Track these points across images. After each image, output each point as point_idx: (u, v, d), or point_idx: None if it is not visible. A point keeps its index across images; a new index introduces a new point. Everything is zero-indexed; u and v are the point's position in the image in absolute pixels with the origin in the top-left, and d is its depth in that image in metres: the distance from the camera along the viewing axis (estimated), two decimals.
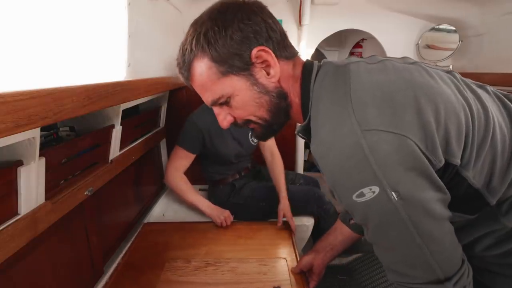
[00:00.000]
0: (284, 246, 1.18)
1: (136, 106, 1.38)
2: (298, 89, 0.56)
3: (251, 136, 1.44)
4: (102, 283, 0.99)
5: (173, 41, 1.37)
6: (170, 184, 1.31)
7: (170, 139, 1.71)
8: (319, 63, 0.58)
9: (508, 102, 0.55)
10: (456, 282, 0.45)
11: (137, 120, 1.30)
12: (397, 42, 1.70)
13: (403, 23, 1.66)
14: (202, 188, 1.76)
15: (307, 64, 0.57)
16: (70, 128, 0.95)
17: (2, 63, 0.51)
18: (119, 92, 0.84)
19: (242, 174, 1.48)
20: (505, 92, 0.58)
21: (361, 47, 2.68)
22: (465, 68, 1.59)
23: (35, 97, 0.51)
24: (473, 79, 0.59)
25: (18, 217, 0.63)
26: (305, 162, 2.32)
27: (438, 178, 0.44)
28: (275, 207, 1.36)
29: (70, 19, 0.66)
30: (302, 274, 1.00)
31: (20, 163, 0.62)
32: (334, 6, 1.59)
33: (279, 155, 1.49)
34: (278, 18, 1.79)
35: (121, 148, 1.09)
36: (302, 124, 0.56)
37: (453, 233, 0.47)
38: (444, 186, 0.45)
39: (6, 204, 0.61)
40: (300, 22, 1.60)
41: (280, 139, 1.83)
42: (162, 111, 1.59)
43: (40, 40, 0.59)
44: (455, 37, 1.56)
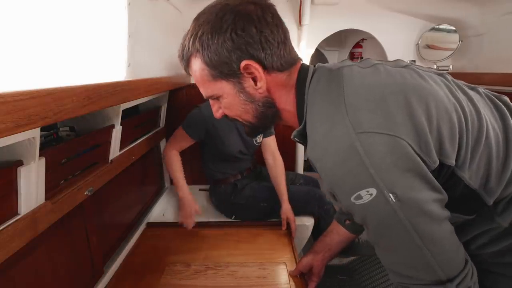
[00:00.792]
0: (284, 251, 1.18)
1: (136, 106, 1.38)
2: (293, 96, 0.57)
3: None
4: (102, 284, 0.99)
5: (173, 41, 1.37)
6: (165, 156, 1.38)
7: None
8: (314, 67, 0.59)
9: (500, 104, 0.55)
10: (459, 283, 0.45)
11: (137, 120, 1.30)
12: (397, 42, 1.69)
13: (403, 23, 1.66)
14: (202, 188, 1.76)
15: (302, 71, 0.58)
16: (70, 128, 0.95)
17: (2, 63, 0.51)
18: (119, 92, 0.83)
19: (244, 174, 1.49)
20: (496, 94, 0.58)
21: (361, 47, 2.68)
22: (465, 68, 1.59)
23: (35, 97, 0.51)
24: (473, 79, 0.59)
25: (18, 217, 0.63)
26: (305, 162, 2.32)
27: (433, 178, 0.45)
28: (276, 207, 1.36)
29: (70, 19, 0.66)
30: (301, 278, 1.01)
31: (20, 163, 0.62)
32: (334, 6, 1.59)
33: (280, 158, 1.48)
34: None
35: (121, 148, 1.09)
36: (297, 129, 0.57)
37: (453, 233, 0.47)
38: (440, 186, 0.46)
39: (6, 204, 0.61)
40: (300, 22, 1.60)
41: (280, 139, 1.83)
42: (162, 111, 1.59)
43: (40, 40, 0.59)
44: (455, 37, 1.55)
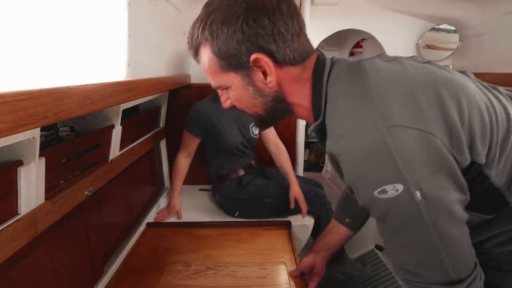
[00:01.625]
0: (284, 251, 1.18)
1: (136, 106, 1.38)
2: (308, 91, 0.55)
3: (251, 127, 1.48)
4: (102, 284, 0.99)
5: (173, 41, 1.37)
6: (175, 161, 1.47)
7: (170, 139, 1.71)
8: (331, 60, 0.56)
9: None
10: (469, 284, 0.44)
11: (137, 120, 1.30)
12: (397, 42, 1.69)
13: (403, 23, 1.66)
14: (202, 188, 1.76)
15: (318, 64, 0.55)
16: (70, 128, 0.95)
17: (2, 63, 0.51)
18: (119, 92, 0.83)
19: (247, 170, 1.50)
20: None
21: (361, 47, 2.68)
22: (465, 68, 1.59)
23: (35, 97, 0.51)
24: None
25: (18, 217, 0.63)
26: (305, 162, 2.32)
27: (462, 178, 0.43)
28: (280, 203, 1.37)
29: (70, 19, 0.66)
30: (301, 278, 1.00)
31: (20, 163, 0.62)
32: (334, 6, 1.58)
33: (283, 146, 1.53)
34: None
35: (121, 148, 1.09)
36: (315, 124, 0.55)
37: (468, 235, 0.46)
38: (466, 187, 0.44)
39: (6, 204, 0.61)
40: None
41: (280, 139, 1.84)
42: (162, 111, 1.59)
43: (40, 40, 0.59)
44: (455, 37, 1.55)
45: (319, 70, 0.54)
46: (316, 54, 0.56)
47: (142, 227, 1.34)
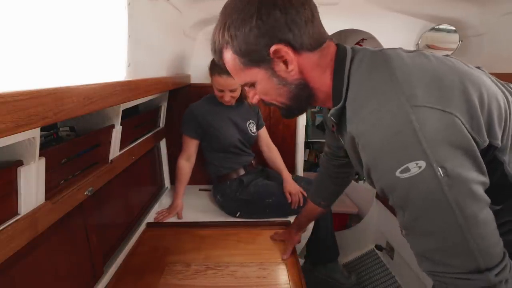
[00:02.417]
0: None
1: (136, 106, 1.38)
2: (329, 77, 0.57)
3: (248, 125, 1.49)
4: (102, 284, 0.99)
5: (173, 41, 1.37)
6: (176, 165, 1.48)
7: (170, 139, 1.71)
8: (352, 48, 0.58)
9: None
10: (498, 273, 0.43)
11: (137, 120, 1.30)
12: (397, 42, 1.69)
13: (403, 23, 1.66)
14: (202, 188, 1.76)
15: (340, 51, 0.57)
16: (70, 128, 0.95)
17: (2, 63, 0.51)
18: (119, 92, 0.83)
19: (248, 169, 1.50)
20: None
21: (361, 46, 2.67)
22: None
23: (35, 97, 0.51)
24: None
25: (18, 217, 0.63)
26: (305, 162, 2.32)
27: (481, 160, 0.44)
28: (282, 204, 1.38)
29: (70, 19, 0.66)
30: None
31: (20, 163, 0.62)
32: (334, 6, 1.58)
33: (274, 146, 1.59)
34: None
35: (121, 148, 1.09)
36: (335, 107, 0.56)
37: (494, 221, 0.45)
38: (485, 168, 0.45)
39: (6, 204, 0.61)
40: None
41: (280, 140, 1.84)
42: (162, 111, 1.59)
43: (40, 40, 0.59)
44: (455, 37, 1.55)
45: (341, 56, 0.56)
46: (331, 40, 0.58)
47: (142, 227, 1.34)
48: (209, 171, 1.54)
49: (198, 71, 1.64)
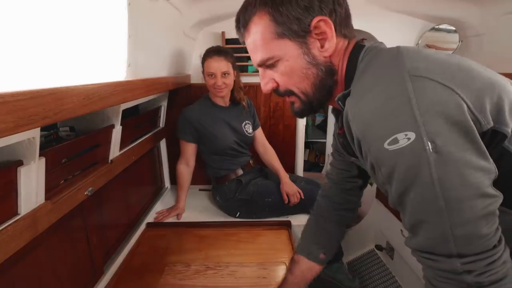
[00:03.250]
0: (284, 251, 1.18)
1: (136, 106, 1.38)
2: (345, 64, 0.55)
3: (244, 126, 1.49)
4: (102, 284, 0.99)
5: (173, 41, 1.37)
6: (176, 170, 1.48)
7: (170, 139, 1.71)
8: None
9: None
10: (470, 262, 0.40)
11: (137, 120, 1.30)
12: (397, 42, 1.67)
13: (403, 23, 1.66)
14: (202, 188, 1.76)
15: (357, 44, 0.56)
16: (70, 128, 0.95)
17: (2, 63, 0.51)
18: (119, 92, 0.83)
19: (246, 170, 1.51)
20: None
21: None
22: None
23: (35, 97, 0.51)
24: None
25: (18, 217, 0.63)
26: (305, 162, 2.32)
27: (481, 141, 0.40)
28: (281, 203, 1.38)
29: (70, 19, 0.66)
30: None
31: (20, 163, 0.62)
32: None
33: (270, 147, 1.59)
34: None
35: (121, 148, 1.09)
36: (343, 92, 0.53)
37: (492, 215, 0.40)
38: (487, 154, 0.41)
39: (6, 204, 0.61)
40: None
41: (280, 140, 1.84)
42: (162, 111, 1.59)
43: (40, 40, 0.59)
44: (455, 37, 1.55)
45: (357, 48, 0.55)
46: (354, 39, 0.57)
47: (142, 227, 1.34)
48: (207, 173, 1.54)
49: (198, 71, 1.64)
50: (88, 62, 0.75)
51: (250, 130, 1.52)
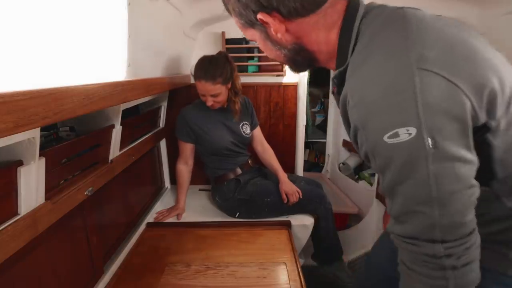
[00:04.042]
0: (284, 251, 1.18)
1: (136, 106, 1.38)
2: (335, 36, 0.53)
3: (241, 127, 1.48)
4: (102, 284, 0.99)
5: (173, 41, 1.37)
6: (176, 170, 1.49)
7: (170, 139, 1.71)
8: (366, 6, 0.54)
9: None
10: (450, 247, 0.43)
11: (137, 120, 1.30)
12: None
13: None
14: (202, 188, 1.76)
15: (351, 7, 0.52)
16: (70, 128, 0.95)
17: (2, 63, 0.51)
18: (119, 92, 0.83)
19: (244, 169, 1.50)
20: None
21: None
22: None
23: (35, 97, 0.51)
24: None
25: (18, 217, 0.63)
26: (305, 162, 2.32)
27: (472, 137, 0.43)
28: (281, 202, 1.38)
29: (70, 19, 0.66)
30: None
31: (20, 163, 0.62)
32: None
33: (268, 146, 1.58)
34: None
35: (121, 148, 1.09)
36: (339, 69, 0.54)
37: (471, 201, 0.44)
38: (474, 151, 0.43)
39: (6, 204, 0.61)
40: None
41: (280, 140, 1.84)
42: (162, 111, 1.59)
43: (40, 40, 0.59)
44: None
45: (351, 12, 0.52)
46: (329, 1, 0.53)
47: (142, 227, 1.34)
48: (206, 173, 1.54)
49: None
50: (88, 62, 0.75)
51: (248, 131, 1.51)
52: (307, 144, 2.87)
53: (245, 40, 1.64)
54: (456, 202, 0.42)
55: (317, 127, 3.02)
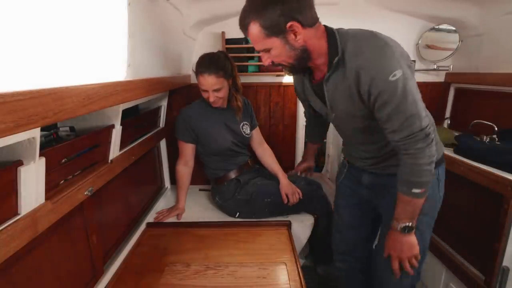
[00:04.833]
0: (284, 251, 1.18)
1: (136, 106, 1.38)
2: (324, 42, 0.83)
3: (242, 127, 1.48)
4: (102, 284, 0.99)
5: (173, 41, 1.37)
6: (175, 170, 1.49)
7: (170, 139, 1.71)
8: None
9: None
10: (428, 128, 0.79)
11: (137, 120, 1.30)
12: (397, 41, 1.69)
13: (403, 23, 1.66)
14: (202, 189, 1.76)
15: (328, 27, 0.85)
16: (70, 128, 0.95)
17: (2, 63, 0.51)
18: (119, 92, 0.83)
19: (244, 170, 1.50)
20: None
21: None
22: (465, 68, 1.59)
23: (35, 97, 0.51)
24: (473, 79, 0.61)
25: (18, 217, 0.63)
26: None
27: None
28: (280, 202, 1.38)
29: (70, 19, 0.66)
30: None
31: (20, 163, 0.62)
32: (334, 6, 1.59)
33: (267, 146, 1.60)
34: None
35: (121, 148, 1.09)
36: (336, 60, 0.81)
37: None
38: None
39: (6, 204, 0.61)
40: None
41: (280, 140, 1.84)
42: (162, 111, 1.59)
43: (40, 40, 0.59)
44: (455, 37, 1.55)
45: (330, 28, 0.85)
46: (318, 22, 0.84)
47: (142, 227, 1.34)
48: (206, 173, 1.54)
49: None
50: (88, 62, 0.75)
51: (248, 131, 1.52)
52: (307, 145, 2.87)
53: (245, 40, 1.64)
54: (420, 101, 0.79)
55: None
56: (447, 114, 1.74)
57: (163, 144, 1.73)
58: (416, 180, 0.82)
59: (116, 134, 1.00)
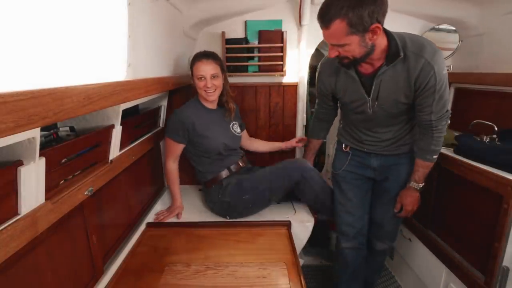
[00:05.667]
0: (284, 251, 1.18)
1: (136, 106, 1.38)
2: (385, 40, 0.97)
3: (232, 126, 1.51)
4: (102, 284, 0.99)
5: (173, 41, 1.37)
6: (165, 169, 1.50)
7: None
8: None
9: None
10: (448, 111, 1.06)
11: (137, 120, 1.30)
12: None
13: (403, 23, 1.66)
14: (202, 189, 1.76)
15: (384, 28, 0.96)
16: (70, 128, 0.95)
17: (2, 63, 0.51)
18: (119, 92, 0.83)
19: (233, 171, 1.48)
20: None
21: None
22: (465, 68, 1.59)
23: (35, 97, 0.51)
24: (473, 79, 0.62)
25: (18, 217, 0.63)
26: None
27: None
28: (260, 196, 1.38)
29: (70, 19, 0.66)
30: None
31: (20, 163, 0.62)
32: None
33: (254, 138, 1.73)
34: (278, 18, 1.77)
35: (121, 148, 1.09)
36: (398, 57, 0.97)
37: None
38: None
39: (6, 204, 0.61)
40: (300, 22, 1.60)
41: (280, 140, 1.84)
42: (162, 111, 1.59)
43: (40, 40, 0.59)
44: (455, 37, 1.55)
45: (386, 29, 0.97)
46: None
47: (142, 227, 1.34)
48: (197, 178, 1.53)
49: None
50: (88, 62, 0.75)
51: (238, 130, 1.53)
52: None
53: (245, 40, 1.64)
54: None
55: None
56: None
57: (163, 144, 1.72)
58: (437, 148, 1.09)
59: (116, 134, 1.00)
